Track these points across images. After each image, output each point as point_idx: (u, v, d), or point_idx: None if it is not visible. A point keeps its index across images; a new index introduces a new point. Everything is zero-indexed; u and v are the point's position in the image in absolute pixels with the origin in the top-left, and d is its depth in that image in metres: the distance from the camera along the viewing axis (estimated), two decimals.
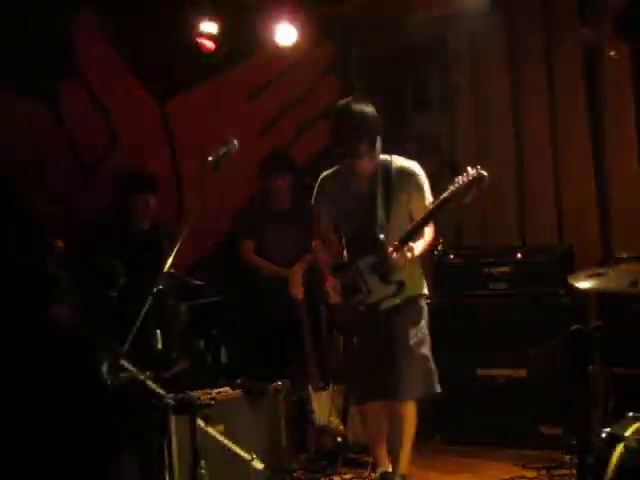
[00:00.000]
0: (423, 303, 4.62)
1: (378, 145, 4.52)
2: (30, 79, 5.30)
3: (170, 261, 4.37)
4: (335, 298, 4.58)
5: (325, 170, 4.80)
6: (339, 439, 5.31)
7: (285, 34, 5.91)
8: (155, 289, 4.27)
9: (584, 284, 4.03)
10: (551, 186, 6.07)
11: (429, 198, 4.46)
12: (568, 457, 4.83)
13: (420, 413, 5.62)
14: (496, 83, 6.40)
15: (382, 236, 4.41)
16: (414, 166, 4.57)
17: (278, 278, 5.75)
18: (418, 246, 4.36)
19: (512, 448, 5.32)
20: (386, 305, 4.49)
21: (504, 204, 6.22)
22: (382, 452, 4.78)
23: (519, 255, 5.50)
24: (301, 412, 5.35)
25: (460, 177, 4.20)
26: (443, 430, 5.66)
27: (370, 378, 4.56)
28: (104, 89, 5.67)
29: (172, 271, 4.51)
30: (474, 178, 4.18)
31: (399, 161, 4.60)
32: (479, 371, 5.60)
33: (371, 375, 4.55)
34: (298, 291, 5.52)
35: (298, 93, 6.51)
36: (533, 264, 5.48)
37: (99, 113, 5.66)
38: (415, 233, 4.33)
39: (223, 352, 5.57)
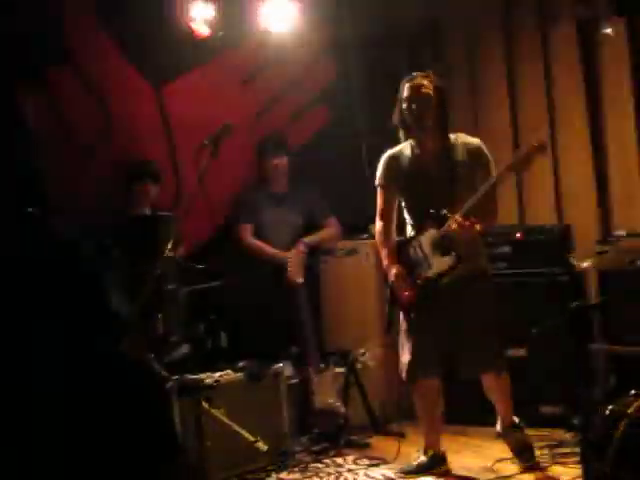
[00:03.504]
0: (489, 275, 4.72)
1: (445, 120, 4.63)
2: (23, 64, 5.27)
3: (170, 245, 4.39)
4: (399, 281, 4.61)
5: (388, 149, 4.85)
6: (340, 421, 5.33)
7: (279, 17, 5.89)
8: (155, 273, 4.28)
9: (585, 263, 4.05)
10: (549, 167, 6.06)
11: (493, 174, 4.50)
12: (570, 435, 4.85)
13: None
14: (490, 65, 6.40)
15: (445, 210, 4.45)
16: (478, 142, 4.65)
17: (278, 261, 5.75)
18: (480, 222, 4.39)
19: None
20: (447, 280, 4.52)
21: (502, 185, 6.22)
22: (435, 433, 4.82)
23: (518, 235, 5.51)
24: (302, 394, 5.35)
25: (522, 146, 4.38)
26: (444, 409, 5.66)
27: (432, 355, 4.62)
28: (98, 74, 5.64)
29: (172, 255, 4.52)
30: (535, 147, 4.29)
31: (463, 138, 4.68)
32: None
33: (433, 352, 4.61)
34: (298, 275, 5.53)
35: (293, 77, 6.48)
36: (532, 244, 5.48)
37: (93, 98, 5.64)
38: (476, 206, 4.38)
39: (223, 336, 5.58)
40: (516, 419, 4.79)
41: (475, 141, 4.65)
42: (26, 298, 3.99)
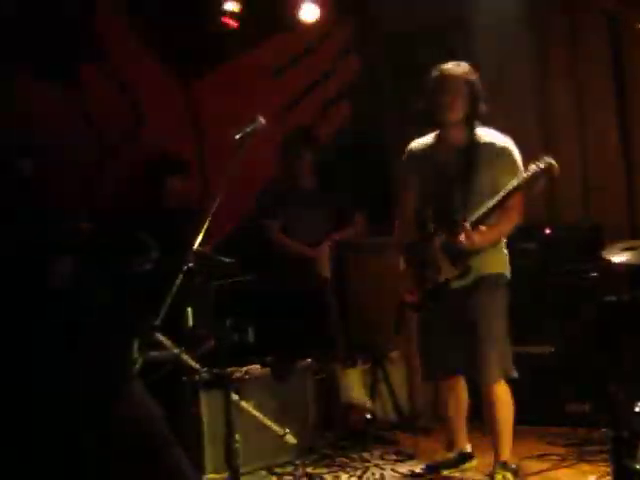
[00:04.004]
0: (499, 282, 4.42)
1: (474, 114, 4.35)
2: (52, 62, 5.31)
3: (199, 240, 4.40)
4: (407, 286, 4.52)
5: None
6: (367, 416, 5.33)
7: (308, 12, 5.90)
8: (185, 267, 4.30)
9: (618, 258, 4.03)
10: (577, 164, 6.04)
11: (519, 177, 4.18)
12: (597, 433, 4.81)
13: None
14: (520, 64, 6.37)
15: (457, 217, 4.23)
16: (505, 143, 4.34)
17: (305, 258, 5.76)
18: (492, 232, 4.24)
19: (536, 426, 5.27)
20: (456, 285, 4.35)
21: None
22: (460, 430, 4.75)
23: (547, 231, 5.49)
24: (329, 390, 5.36)
25: (532, 165, 4.13)
26: (471, 407, 5.65)
27: (441, 356, 4.50)
28: (127, 71, 5.68)
29: (201, 249, 4.54)
30: (544, 168, 4.10)
31: (490, 136, 4.37)
32: None
33: (442, 353, 4.48)
34: (325, 271, 5.54)
35: (321, 71, 6.49)
36: (561, 240, 5.47)
37: (123, 96, 5.67)
38: (486, 218, 4.19)
39: (250, 331, 5.59)
40: (507, 459, 4.41)
41: (502, 141, 4.33)
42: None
